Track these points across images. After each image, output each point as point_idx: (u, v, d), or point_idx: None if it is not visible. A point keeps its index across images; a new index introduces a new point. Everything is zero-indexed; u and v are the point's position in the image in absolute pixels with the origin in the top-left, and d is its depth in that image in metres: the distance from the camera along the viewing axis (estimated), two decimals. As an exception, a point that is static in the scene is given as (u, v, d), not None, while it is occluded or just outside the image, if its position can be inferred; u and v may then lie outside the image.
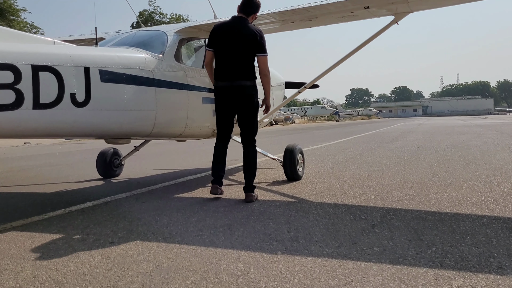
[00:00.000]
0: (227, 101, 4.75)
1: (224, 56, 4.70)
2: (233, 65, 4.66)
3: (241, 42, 4.60)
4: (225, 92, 4.74)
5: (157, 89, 4.91)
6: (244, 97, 4.70)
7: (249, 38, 4.60)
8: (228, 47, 4.66)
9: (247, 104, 4.74)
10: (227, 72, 4.68)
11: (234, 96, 4.70)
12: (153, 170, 7.75)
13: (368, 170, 6.85)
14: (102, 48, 4.93)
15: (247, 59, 4.67)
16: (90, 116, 4.21)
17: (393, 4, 5.05)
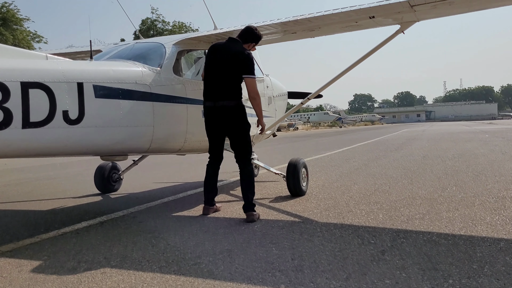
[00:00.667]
0: (212, 121, 4.70)
1: (210, 76, 4.68)
2: (217, 85, 4.62)
3: (225, 62, 4.57)
4: (209, 112, 4.68)
5: (154, 103, 4.72)
6: (228, 118, 4.61)
7: (233, 58, 4.55)
8: (213, 67, 4.64)
9: (232, 124, 4.64)
10: (211, 92, 4.65)
11: (218, 117, 4.63)
12: (152, 184, 7.55)
13: (374, 184, 6.63)
14: (97, 62, 4.75)
15: (230, 79, 4.59)
16: (84, 133, 4.02)
17: (399, 13, 4.86)
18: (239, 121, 4.67)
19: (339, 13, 4.60)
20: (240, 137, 4.73)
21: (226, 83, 4.59)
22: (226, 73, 4.59)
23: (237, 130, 4.69)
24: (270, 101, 7.20)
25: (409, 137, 24.12)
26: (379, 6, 4.44)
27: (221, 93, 4.59)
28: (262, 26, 5.00)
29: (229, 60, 4.57)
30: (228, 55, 4.59)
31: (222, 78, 4.59)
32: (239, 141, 4.74)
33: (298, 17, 4.86)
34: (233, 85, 4.61)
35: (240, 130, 4.70)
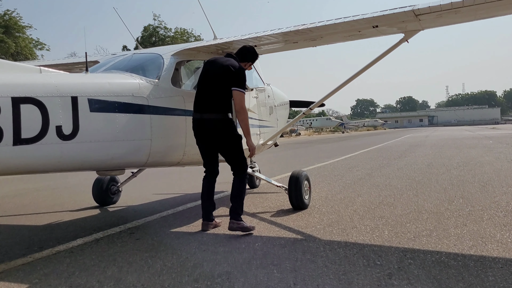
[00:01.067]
0: (199, 134, 4.63)
1: (200, 88, 4.63)
2: (205, 97, 4.55)
3: (216, 75, 4.52)
4: (196, 124, 4.61)
5: (152, 116, 4.59)
6: (214, 131, 4.52)
7: (225, 71, 4.48)
8: (204, 79, 4.61)
9: (220, 138, 4.55)
10: (199, 104, 4.59)
11: (204, 129, 4.55)
12: (152, 196, 7.40)
13: (378, 196, 6.47)
14: (92, 75, 4.62)
15: (219, 92, 4.50)
16: (78, 149, 3.89)
17: (403, 22, 4.72)
18: (227, 134, 4.55)
19: (342, 23, 4.46)
20: (229, 152, 4.62)
21: (214, 96, 4.51)
22: (215, 85, 4.52)
23: (225, 144, 4.60)
24: (271, 110, 7.07)
25: (412, 143, 23.94)
26: (382, 16, 4.30)
27: (208, 106, 4.52)
28: (263, 37, 4.88)
29: (220, 73, 4.50)
30: (220, 68, 4.53)
31: (211, 91, 4.53)
32: (228, 156, 4.64)
33: (300, 27, 4.74)
34: (222, 97, 4.51)
35: (229, 144, 4.59)
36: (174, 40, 47.98)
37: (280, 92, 7.83)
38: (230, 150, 4.61)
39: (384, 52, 5.37)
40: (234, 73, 4.49)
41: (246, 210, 5.74)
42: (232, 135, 4.58)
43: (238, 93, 4.46)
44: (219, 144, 4.61)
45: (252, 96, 6.22)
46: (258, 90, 6.43)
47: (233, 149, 4.61)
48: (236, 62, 4.61)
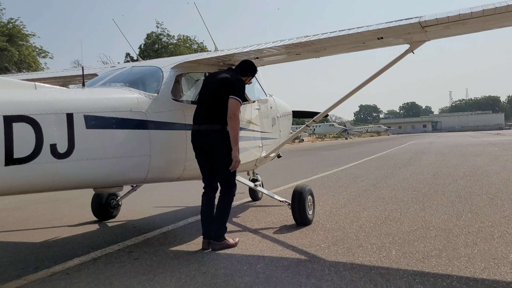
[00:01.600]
0: (196, 146, 4.59)
1: (199, 100, 4.65)
2: (203, 109, 4.56)
3: (215, 85, 4.54)
4: (194, 136, 4.58)
5: (151, 131, 4.46)
6: (209, 142, 4.47)
7: (224, 81, 4.51)
8: (204, 91, 4.63)
9: (214, 149, 4.48)
10: (197, 115, 4.61)
11: (201, 140, 4.51)
12: (152, 209, 7.26)
13: (384, 209, 6.30)
14: (89, 90, 4.50)
15: (217, 102, 4.48)
16: (74, 167, 3.76)
17: (409, 34, 4.60)
18: (222, 146, 4.45)
19: (346, 35, 4.33)
20: (222, 164, 4.50)
21: (213, 107, 4.49)
22: (214, 97, 4.50)
23: (219, 156, 4.49)
24: (274, 122, 6.94)
25: (416, 150, 23.74)
26: (388, 28, 4.17)
27: (206, 117, 4.49)
28: (265, 49, 4.75)
29: (219, 84, 4.52)
30: (219, 79, 4.57)
31: (210, 102, 4.52)
32: (220, 169, 4.52)
33: (302, 39, 4.60)
34: (220, 109, 4.45)
35: (222, 157, 4.47)
36: (177, 47, 48.07)
37: (283, 102, 7.71)
38: (223, 163, 4.47)
39: (390, 63, 5.26)
40: (232, 82, 4.49)
41: (248, 225, 5.62)
42: (227, 148, 4.44)
43: (234, 101, 4.39)
44: (213, 156, 4.52)
45: (254, 108, 6.10)
46: (260, 101, 6.31)
47: (227, 162, 4.47)
48: (236, 74, 4.65)
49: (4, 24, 35.24)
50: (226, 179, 4.55)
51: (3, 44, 33.47)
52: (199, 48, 51.91)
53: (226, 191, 4.55)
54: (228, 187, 4.56)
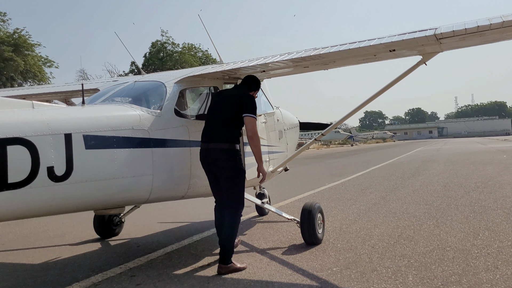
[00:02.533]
0: (205, 164, 4.50)
1: (208, 117, 4.57)
2: (212, 127, 4.47)
3: (226, 103, 4.48)
4: (202, 154, 4.49)
5: (154, 150, 4.28)
6: (217, 160, 4.36)
7: (235, 98, 4.48)
8: (213, 108, 4.56)
9: (221, 167, 4.37)
10: (205, 134, 4.50)
11: (210, 159, 4.41)
12: (156, 225, 7.07)
13: (396, 226, 6.06)
14: (89, 108, 4.33)
15: (226, 121, 4.41)
16: (73, 190, 3.58)
17: (423, 46, 4.40)
18: (230, 165, 4.35)
19: (357, 48, 4.14)
20: (229, 183, 4.39)
21: (222, 125, 4.41)
22: (224, 114, 4.43)
23: (225, 175, 4.38)
24: (281, 135, 6.75)
25: (424, 158, 23.42)
26: (402, 41, 3.97)
27: (215, 135, 4.39)
28: (271, 63, 4.57)
29: (230, 101, 4.47)
30: (230, 97, 4.54)
31: (219, 120, 4.43)
32: (226, 188, 4.41)
33: (311, 52, 4.42)
34: (229, 127, 4.41)
35: (230, 175, 4.37)
36: (182, 55, 48.10)
37: (289, 114, 7.53)
38: (230, 181, 4.38)
39: (401, 75, 5.09)
40: (244, 100, 4.44)
41: (255, 245, 5.41)
42: (235, 167, 4.37)
43: (250, 119, 4.37)
44: (219, 175, 4.42)
45: (261, 121, 5.92)
46: (266, 115, 6.12)
47: (234, 181, 4.39)
48: (245, 90, 4.63)
49: (10, 34, 35.40)
50: (233, 199, 4.42)
51: (9, 54, 33.59)
52: (203, 56, 51.94)
53: (232, 211, 4.40)
54: (235, 207, 4.41)
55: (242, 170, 4.46)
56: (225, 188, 4.41)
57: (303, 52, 4.57)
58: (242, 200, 4.49)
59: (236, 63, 5.19)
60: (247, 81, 4.74)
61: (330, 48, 4.39)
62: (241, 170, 4.43)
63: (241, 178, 4.42)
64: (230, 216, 4.37)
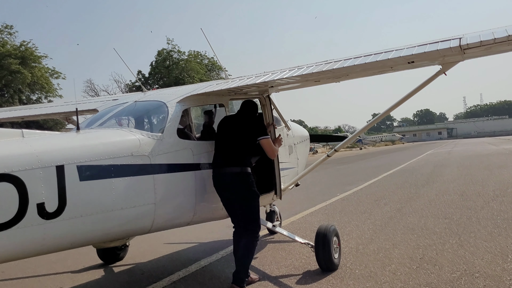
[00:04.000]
0: (220, 189, 4.47)
1: (218, 142, 4.55)
2: (223, 151, 4.47)
3: (232, 130, 4.50)
4: (215, 179, 4.46)
5: (155, 176, 3.97)
6: (230, 185, 4.38)
7: (239, 126, 4.51)
8: (223, 133, 4.54)
9: (234, 191, 4.39)
10: (217, 159, 4.48)
11: (223, 183, 4.41)
12: (162, 247, 6.74)
13: (417, 246, 5.68)
14: (84, 134, 4.01)
15: (235, 146, 4.43)
16: (66, 227, 3.27)
17: (444, 56, 4.05)
18: (243, 189, 4.38)
19: (373, 62, 3.81)
20: (243, 207, 4.42)
21: (231, 150, 4.42)
22: (233, 139, 4.45)
23: (240, 199, 4.40)
24: (291, 150, 6.42)
25: (436, 162, 22.90)
26: (423, 53, 3.63)
27: (227, 159, 4.40)
28: (279, 80, 4.25)
29: (238, 127, 4.51)
30: (237, 123, 4.57)
31: (231, 144, 4.45)
32: (242, 211, 4.44)
33: (323, 66, 4.09)
34: (241, 150, 4.43)
35: (244, 199, 4.39)
36: (188, 63, 47.98)
37: (299, 127, 7.23)
38: (245, 205, 4.42)
39: (420, 85, 4.79)
40: (252, 124, 4.56)
41: (267, 271, 5.08)
42: (248, 190, 4.41)
43: (265, 141, 4.50)
44: (234, 199, 4.42)
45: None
46: (276, 130, 5.79)
47: (248, 205, 4.42)
48: (249, 113, 4.69)
49: (16, 47, 35.52)
50: (249, 221, 4.42)
51: (16, 67, 33.66)
52: (210, 63, 51.84)
53: (249, 234, 4.40)
54: (252, 229, 4.42)
55: (256, 192, 4.46)
56: (240, 211, 4.43)
57: (314, 66, 4.25)
58: (258, 222, 4.49)
59: (242, 78, 4.88)
60: (247, 108, 4.74)
61: (344, 62, 4.06)
62: (255, 193, 4.45)
63: (255, 201, 4.47)
64: (247, 238, 4.37)
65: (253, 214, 4.45)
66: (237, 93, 4.95)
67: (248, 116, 4.65)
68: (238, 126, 4.51)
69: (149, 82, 50.93)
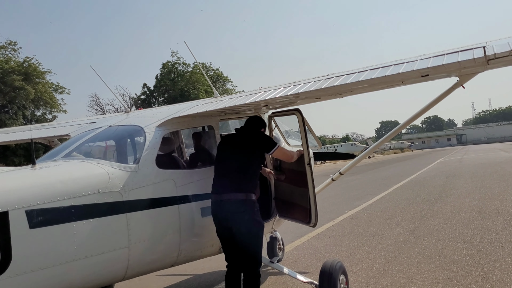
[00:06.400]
0: (219, 219, 3.95)
1: (218, 167, 4.06)
2: (224, 175, 3.97)
3: (235, 149, 4.03)
4: (215, 208, 3.96)
5: (129, 215, 3.41)
6: (232, 214, 3.85)
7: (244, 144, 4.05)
8: (221, 156, 4.08)
9: (237, 221, 3.84)
10: (218, 183, 3.98)
11: (223, 213, 3.89)
12: (155, 279, 6.14)
13: (436, 280, 5.03)
14: (39, 170, 3.43)
15: (241, 167, 3.95)
16: (12, 285, 2.70)
17: (464, 68, 3.47)
18: (247, 219, 3.86)
19: (381, 77, 3.22)
20: (246, 240, 3.84)
21: (235, 173, 3.92)
22: (238, 160, 3.98)
23: (243, 230, 3.82)
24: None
25: (447, 172, 22.09)
26: (441, 66, 3.04)
27: (228, 185, 3.89)
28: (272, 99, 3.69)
29: (242, 145, 4.04)
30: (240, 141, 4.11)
31: (233, 166, 3.96)
32: (243, 245, 3.89)
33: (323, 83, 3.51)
34: (246, 173, 3.94)
35: (246, 230, 3.83)
36: (193, 75, 47.80)
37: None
38: (248, 237, 3.88)
39: (436, 99, 4.35)
40: (258, 139, 4.15)
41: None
42: (253, 220, 3.90)
43: (277, 151, 4.15)
44: (235, 231, 3.88)
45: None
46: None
47: (250, 236, 3.89)
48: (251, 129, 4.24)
49: (20, 63, 35.49)
50: (251, 255, 3.91)
51: (19, 83, 33.56)
52: (215, 74, 51.68)
53: (251, 271, 3.93)
54: (254, 266, 3.93)
55: (261, 223, 4.01)
56: (242, 244, 3.91)
57: (312, 82, 3.68)
58: (260, 257, 4.00)
59: (232, 98, 4.34)
60: (251, 122, 4.30)
61: (346, 77, 3.49)
62: (260, 224, 4.00)
63: (260, 232, 3.99)
64: (251, 277, 3.91)
65: (258, 245, 3.96)
66: (228, 113, 4.39)
67: (251, 132, 4.20)
68: (241, 145, 4.05)
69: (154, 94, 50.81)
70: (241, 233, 3.87)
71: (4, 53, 36.58)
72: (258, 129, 4.32)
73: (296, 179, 4.66)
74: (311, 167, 4.54)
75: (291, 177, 4.77)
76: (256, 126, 4.30)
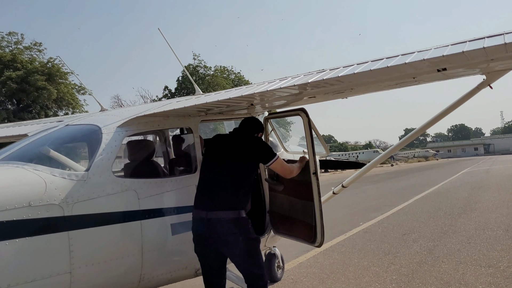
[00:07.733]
0: (202, 239, 3.38)
1: (204, 176, 3.52)
2: (213, 188, 3.41)
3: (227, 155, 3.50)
4: (198, 226, 3.37)
5: (72, 233, 2.82)
6: (224, 235, 3.31)
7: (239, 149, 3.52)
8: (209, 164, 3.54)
9: (231, 244, 3.33)
10: (205, 197, 3.42)
11: (209, 233, 3.33)
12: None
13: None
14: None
15: (234, 178, 3.42)
16: None
17: (491, 61, 2.74)
18: (242, 239, 3.35)
19: (382, 68, 2.53)
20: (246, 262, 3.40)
21: (230, 184, 3.42)
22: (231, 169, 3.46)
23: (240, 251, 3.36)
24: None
25: (473, 183, 20.93)
26: (461, 54, 2.32)
27: (219, 199, 3.36)
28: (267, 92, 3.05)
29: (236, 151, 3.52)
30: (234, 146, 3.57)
31: (224, 177, 3.44)
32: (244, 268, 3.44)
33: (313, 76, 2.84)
34: (240, 186, 3.43)
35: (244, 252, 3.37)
36: (214, 78, 47.76)
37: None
38: (247, 259, 3.41)
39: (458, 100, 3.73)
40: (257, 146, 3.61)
41: None
42: (247, 240, 3.39)
43: (276, 163, 3.60)
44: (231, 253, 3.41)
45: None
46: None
47: (250, 257, 3.41)
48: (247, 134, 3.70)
49: (43, 64, 35.94)
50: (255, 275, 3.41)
51: (42, 83, 33.94)
52: (236, 78, 51.48)
53: None
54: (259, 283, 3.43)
55: (257, 239, 3.57)
56: (242, 268, 3.47)
57: (301, 76, 3.02)
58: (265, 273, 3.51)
59: (219, 93, 3.73)
60: (247, 124, 3.78)
61: (342, 69, 2.81)
62: (256, 240, 3.54)
63: (258, 250, 3.51)
64: None
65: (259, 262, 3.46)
66: (208, 113, 3.76)
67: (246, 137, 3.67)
68: (234, 153, 3.52)
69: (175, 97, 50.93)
70: (238, 255, 3.38)
71: (29, 53, 37.12)
72: (254, 133, 3.75)
73: (298, 190, 4.02)
74: (317, 177, 3.89)
75: (292, 188, 4.12)
76: (251, 130, 3.74)
